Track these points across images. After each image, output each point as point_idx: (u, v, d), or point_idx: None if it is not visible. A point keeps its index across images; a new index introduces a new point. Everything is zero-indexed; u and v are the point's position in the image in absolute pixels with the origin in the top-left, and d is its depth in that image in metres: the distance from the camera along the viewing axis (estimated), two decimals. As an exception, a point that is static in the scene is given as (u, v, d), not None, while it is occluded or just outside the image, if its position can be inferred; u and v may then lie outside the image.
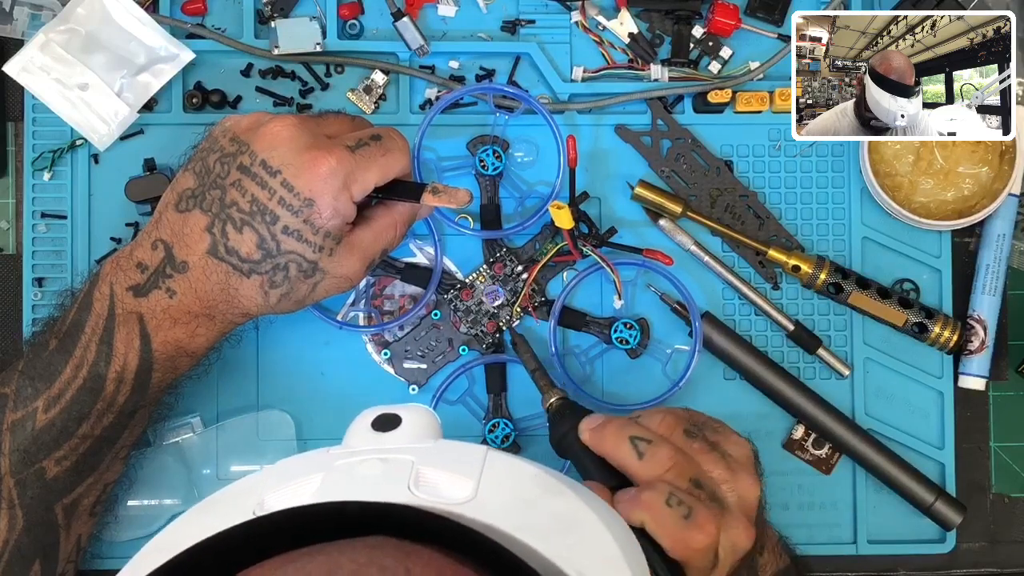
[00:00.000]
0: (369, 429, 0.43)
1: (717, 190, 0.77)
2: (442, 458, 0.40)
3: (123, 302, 0.64)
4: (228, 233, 0.63)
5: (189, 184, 0.65)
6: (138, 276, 0.65)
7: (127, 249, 0.66)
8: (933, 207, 0.76)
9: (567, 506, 0.41)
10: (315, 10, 0.77)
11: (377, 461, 0.40)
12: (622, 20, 0.77)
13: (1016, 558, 0.78)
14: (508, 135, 0.76)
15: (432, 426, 0.43)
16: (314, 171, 0.62)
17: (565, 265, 0.76)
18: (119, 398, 0.65)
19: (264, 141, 0.63)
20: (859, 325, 0.77)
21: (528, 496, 0.40)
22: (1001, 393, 0.78)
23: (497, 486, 0.40)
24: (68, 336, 0.65)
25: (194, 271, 0.64)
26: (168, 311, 0.64)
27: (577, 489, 0.43)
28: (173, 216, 0.64)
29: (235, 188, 0.63)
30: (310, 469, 0.41)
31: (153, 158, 0.75)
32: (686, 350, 0.75)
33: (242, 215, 0.63)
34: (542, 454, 0.75)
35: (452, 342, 0.75)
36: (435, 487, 0.39)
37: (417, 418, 0.43)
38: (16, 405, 0.65)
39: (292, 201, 0.62)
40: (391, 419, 0.43)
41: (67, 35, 0.74)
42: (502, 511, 0.38)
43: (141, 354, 0.64)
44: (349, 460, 0.41)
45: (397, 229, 0.68)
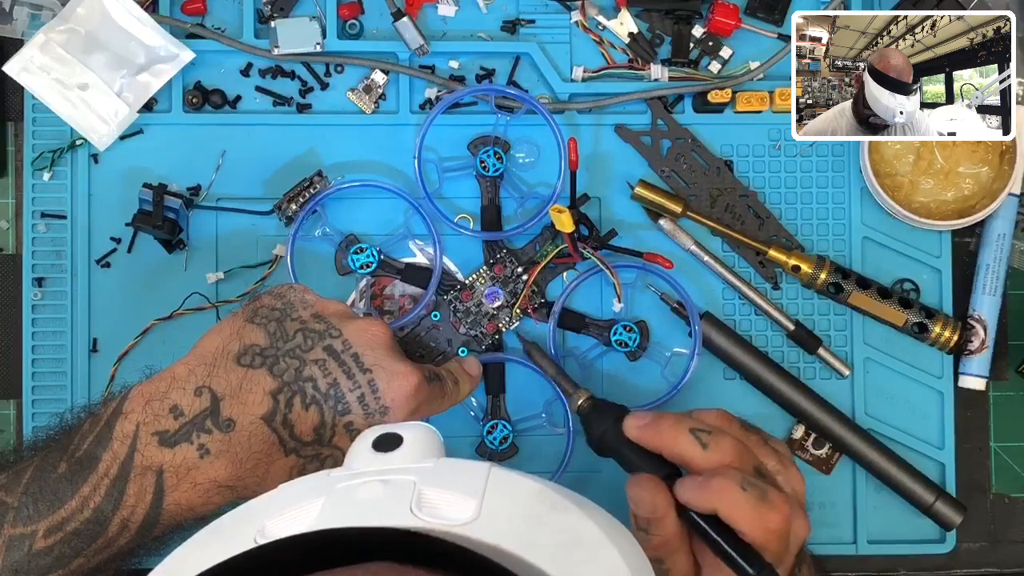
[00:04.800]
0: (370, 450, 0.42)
1: (717, 190, 0.77)
2: (444, 478, 0.40)
3: (145, 450, 0.58)
4: (294, 405, 0.59)
5: (258, 341, 0.60)
6: (170, 422, 0.58)
7: (161, 384, 0.59)
8: (933, 207, 0.76)
9: (573, 522, 0.41)
10: (315, 10, 0.77)
11: (378, 483, 0.40)
12: (622, 20, 0.77)
13: (1016, 558, 0.78)
14: (509, 136, 0.76)
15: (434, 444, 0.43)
16: (405, 386, 0.61)
17: (565, 267, 0.76)
18: (120, 541, 0.60)
19: (362, 336, 0.62)
20: (859, 325, 0.77)
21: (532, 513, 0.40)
22: (1001, 393, 0.78)
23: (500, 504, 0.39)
24: (80, 465, 0.59)
25: (239, 434, 0.58)
26: (191, 472, 0.58)
27: (582, 504, 0.42)
28: (232, 368, 0.59)
29: (318, 366, 0.60)
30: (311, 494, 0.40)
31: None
32: (685, 353, 0.75)
33: (316, 394, 0.59)
34: (541, 454, 0.75)
35: (452, 343, 0.75)
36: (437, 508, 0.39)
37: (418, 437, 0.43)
38: (16, 521, 0.60)
39: (371, 402, 0.60)
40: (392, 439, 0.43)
41: (67, 35, 0.74)
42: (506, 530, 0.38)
43: (151, 508, 0.59)
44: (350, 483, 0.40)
45: None
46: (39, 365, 0.74)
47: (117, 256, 0.75)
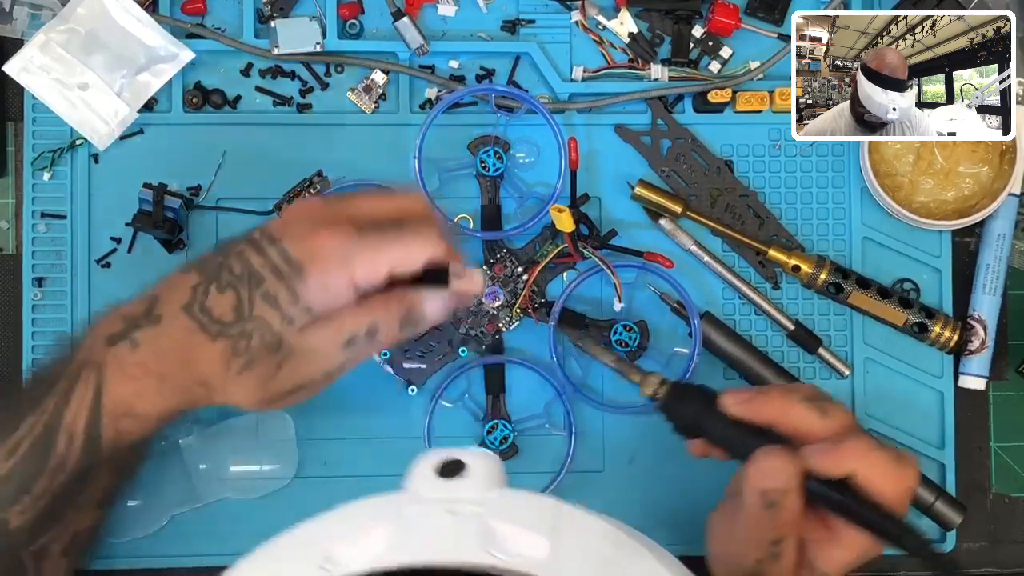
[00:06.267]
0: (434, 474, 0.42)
1: (717, 190, 0.77)
2: (513, 512, 0.40)
3: (93, 351, 0.61)
4: (210, 292, 0.60)
5: (207, 255, 0.63)
6: (118, 326, 0.61)
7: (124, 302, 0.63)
8: (933, 207, 0.76)
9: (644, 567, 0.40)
10: (315, 10, 0.77)
11: (447, 513, 0.39)
12: (622, 20, 0.77)
13: (1016, 558, 0.78)
14: (509, 136, 0.76)
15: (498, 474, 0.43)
16: (313, 241, 0.59)
17: (565, 267, 0.76)
18: (71, 456, 0.61)
19: (281, 217, 0.62)
20: (859, 325, 0.77)
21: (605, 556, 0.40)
22: (1001, 393, 0.78)
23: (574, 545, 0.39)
24: (43, 384, 0.62)
25: (163, 325, 0.60)
26: (123, 362, 0.61)
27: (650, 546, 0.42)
28: (174, 276, 0.62)
29: (235, 256, 0.61)
30: (376, 517, 0.40)
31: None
32: (686, 353, 0.75)
33: (231, 278, 0.60)
34: (541, 454, 0.75)
35: (452, 343, 0.75)
36: (508, 545, 0.38)
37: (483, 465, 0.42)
38: None
39: (282, 266, 0.59)
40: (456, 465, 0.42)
41: (67, 35, 0.74)
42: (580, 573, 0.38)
43: (91, 408, 0.61)
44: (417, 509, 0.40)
45: (391, 313, 0.60)
46: (39, 365, 0.74)
47: (117, 256, 0.75)
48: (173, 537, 0.74)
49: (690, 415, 0.62)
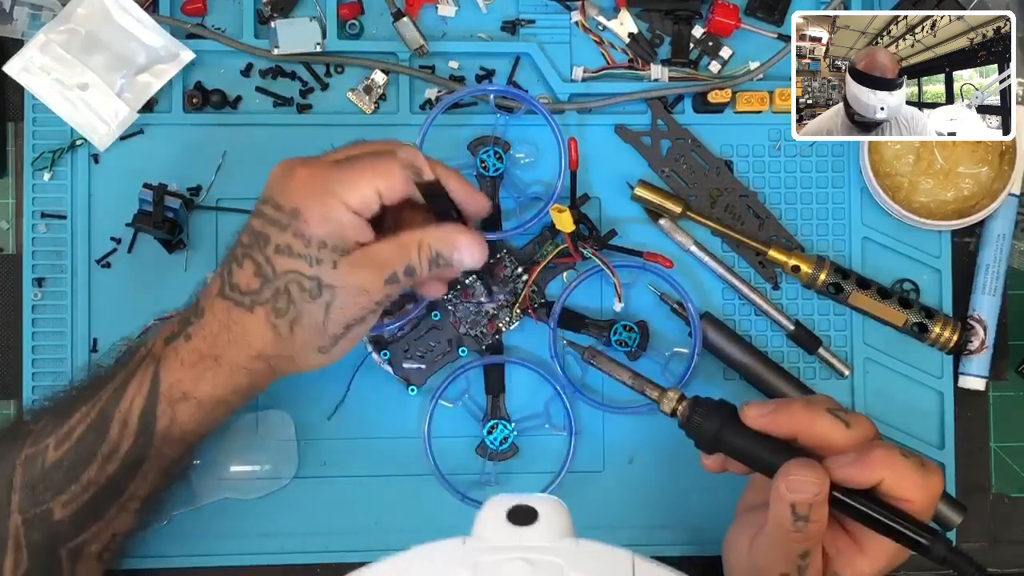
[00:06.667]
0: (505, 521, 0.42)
1: (717, 190, 0.77)
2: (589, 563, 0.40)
3: (152, 350, 0.65)
4: (233, 270, 0.64)
5: None
6: (174, 328, 0.65)
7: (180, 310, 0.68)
8: (933, 207, 0.76)
9: None
10: (315, 10, 0.77)
11: (523, 562, 0.39)
12: (622, 20, 0.77)
13: (1016, 558, 0.78)
14: (509, 136, 0.76)
15: (568, 523, 0.43)
16: (292, 181, 0.62)
17: (565, 267, 0.76)
18: (123, 443, 0.63)
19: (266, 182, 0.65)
20: (859, 325, 0.77)
21: None
22: (1001, 393, 0.78)
23: None
24: (100, 380, 0.65)
25: (206, 312, 0.64)
26: (179, 352, 0.64)
27: None
28: (209, 275, 0.67)
29: (242, 233, 0.64)
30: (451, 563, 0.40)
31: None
32: (685, 353, 0.75)
33: (243, 249, 0.63)
34: (541, 455, 0.75)
35: (451, 343, 0.75)
36: None
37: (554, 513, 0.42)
38: (35, 440, 0.64)
39: (279, 216, 0.62)
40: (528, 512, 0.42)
41: (67, 35, 0.74)
42: None
43: (148, 396, 0.63)
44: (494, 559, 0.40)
45: (422, 250, 0.63)
46: (39, 365, 0.74)
47: (117, 256, 0.75)
48: (173, 537, 0.74)
49: (713, 430, 0.62)
